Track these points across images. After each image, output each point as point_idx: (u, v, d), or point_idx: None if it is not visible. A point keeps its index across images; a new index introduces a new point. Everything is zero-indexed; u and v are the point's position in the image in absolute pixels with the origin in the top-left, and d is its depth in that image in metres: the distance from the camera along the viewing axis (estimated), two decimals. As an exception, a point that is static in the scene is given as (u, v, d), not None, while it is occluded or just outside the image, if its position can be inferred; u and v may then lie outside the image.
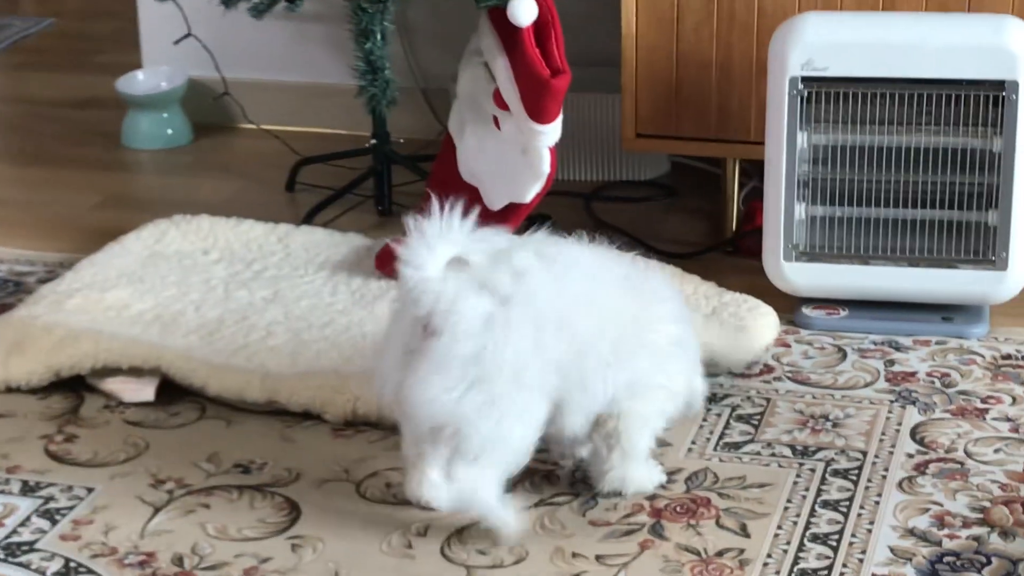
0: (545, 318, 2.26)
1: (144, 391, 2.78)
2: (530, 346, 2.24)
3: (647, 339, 2.38)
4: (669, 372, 2.41)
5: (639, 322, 2.38)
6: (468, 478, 2.27)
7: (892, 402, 2.73)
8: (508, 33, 3.03)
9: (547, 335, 2.26)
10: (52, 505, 2.47)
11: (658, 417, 2.42)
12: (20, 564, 2.31)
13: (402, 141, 3.83)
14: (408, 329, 2.26)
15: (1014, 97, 2.85)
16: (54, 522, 2.42)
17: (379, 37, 3.44)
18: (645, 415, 2.40)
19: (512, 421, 2.25)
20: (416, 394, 2.23)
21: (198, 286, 3.13)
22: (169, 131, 4.18)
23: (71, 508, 2.46)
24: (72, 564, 2.31)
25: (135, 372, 2.80)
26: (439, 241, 2.22)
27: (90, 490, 2.51)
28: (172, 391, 2.79)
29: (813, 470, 2.52)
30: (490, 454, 2.26)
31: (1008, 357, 2.88)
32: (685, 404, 2.44)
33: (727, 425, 2.67)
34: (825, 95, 2.95)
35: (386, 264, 3.19)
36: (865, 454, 2.56)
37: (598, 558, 2.30)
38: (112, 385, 2.80)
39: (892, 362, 2.88)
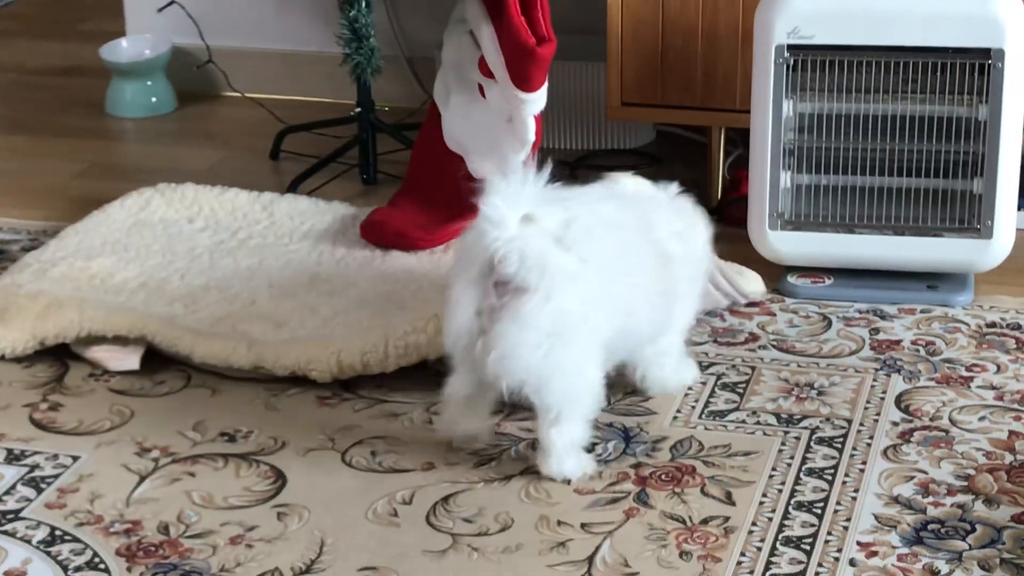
0: (614, 271, 2.38)
1: (129, 359, 2.78)
2: (604, 298, 2.35)
3: (679, 276, 2.55)
4: (693, 294, 2.63)
5: (673, 263, 2.53)
6: (569, 435, 2.38)
7: (877, 370, 2.74)
8: (493, 1, 3.02)
9: (616, 287, 2.39)
10: (37, 473, 2.47)
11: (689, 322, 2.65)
12: (5, 532, 2.31)
13: (387, 109, 3.83)
14: (479, 288, 2.30)
15: (1000, 65, 2.85)
16: (39, 490, 2.42)
17: (364, 5, 3.43)
18: (681, 328, 2.63)
19: (593, 371, 2.38)
20: (504, 352, 2.30)
21: (183, 254, 3.13)
22: (153, 99, 4.16)
23: (56, 476, 2.46)
24: (58, 532, 2.31)
25: (120, 340, 2.79)
26: (516, 200, 2.28)
27: (75, 458, 2.51)
28: (157, 359, 2.78)
29: (798, 438, 2.53)
30: (579, 406, 2.37)
31: (993, 325, 2.89)
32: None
33: (712, 393, 2.68)
34: (811, 63, 2.95)
35: (371, 232, 3.18)
36: (850, 422, 2.56)
37: (583, 526, 2.30)
38: (97, 353, 2.79)
39: (877, 330, 2.88)
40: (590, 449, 2.49)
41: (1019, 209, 3.15)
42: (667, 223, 2.56)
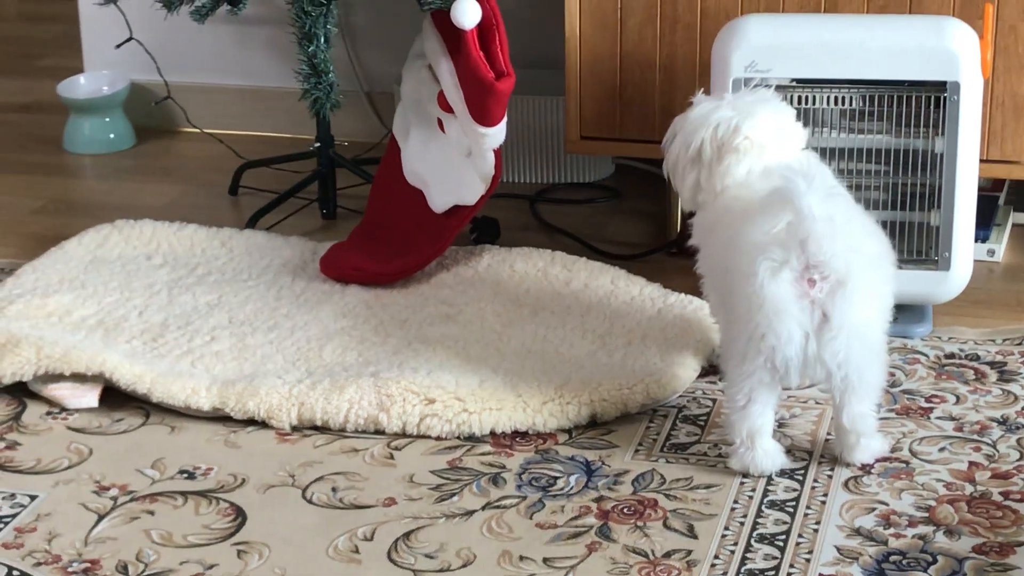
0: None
1: (87, 397, 2.76)
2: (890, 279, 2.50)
3: None
4: None
5: None
6: (876, 413, 2.51)
7: (837, 402, 2.74)
8: (452, 36, 3.03)
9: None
10: (-6, 513, 2.45)
11: None
12: (-38, 573, 2.29)
13: (346, 144, 3.82)
14: (795, 288, 2.35)
15: (955, 98, 2.87)
16: (-4, 530, 2.40)
17: (322, 40, 3.42)
18: None
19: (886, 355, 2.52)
20: (850, 340, 2.39)
21: (141, 291, 3.12)
22: (111, 135, 4.15)
23: (14, 516, 2.44)
24: (15, 573, 2.29)
25: (78, 378, 2.77)
26: (815, 191, 2.33)
27: (33, 497, 2.49)
28: (116, 396, 2.77)
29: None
30: (883, 382, 2.51)
31: (952, 356, 2.90)
32: None
33: (673, 426, 2.68)
34: (768, 96, 2.95)
35: (331, 267, 3.18)
36: (811, 454, 2.57)
37: (545, 561, 2.29)
38: (55, 391, 2.78)
39: (837, 362, 2.88)
40: (552, 483, 2.48)
41: (976, 240, 3.17)
42: None
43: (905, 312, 3.02)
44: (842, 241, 2.36)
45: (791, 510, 2.41)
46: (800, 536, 2.34)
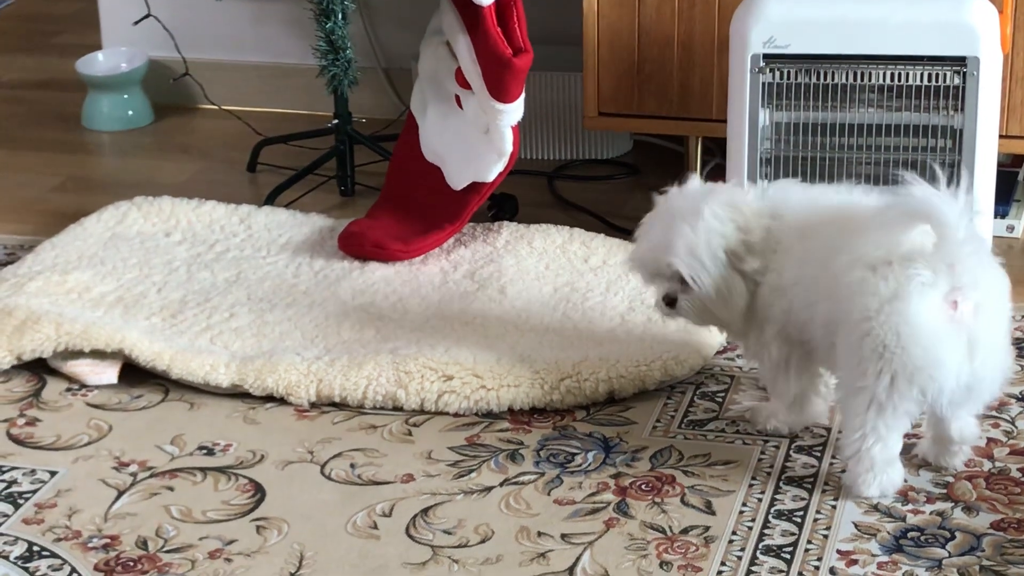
0: None
1: (107, 373, 2.77)
2: None
3: None
4: None
5: None
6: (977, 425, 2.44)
7: (855, 378, 2.74)
8: (470, 12, 3.02)
9: None
10: (15, 489, 2.46)
11: None
12: (-17, 549, 2.31)
13: (364, 121, 3.82)
14: (944, 305, 2.24)
15: (975, 73, 2.86)
16: (17, 506, 2.41)
17: (340, 16, 3.43)
18: None
19: None
20: (997, 355, 2.30)
21: (160, 268, 3.12)
22: (130, 112, 4.15)
23: (34, 492, 2.45)
24: (36, 548, 2.30)
25: (97, 355, 2.78)
26: (958, 209, 2.23)
27: (53, 473, 2.50)
28: (135, 373, 2.77)
29: (777, 447, 2.53)
30: None
31: (970, 332, 2.89)
32: None
33: (691, 403, 2.68)
34: (787, 72, 2.95)
35: (349, 244, 3.18)
36: (829, 430, 2.57)
37: (563, 537, 2.30)
38: (74, 368, 2.78)
39: (855, 338, 2.88)
40: (570, 460, 2.49)
41: (995, 216, 3.16)
42: None
43: (924, 288, 3.01)
44: (986, 259, 2.29)
45: (809, 487, 2.41)
46: (818, 512, 2.34)
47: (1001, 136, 3.03)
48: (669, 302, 2.50)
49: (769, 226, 2.45)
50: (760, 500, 2.38)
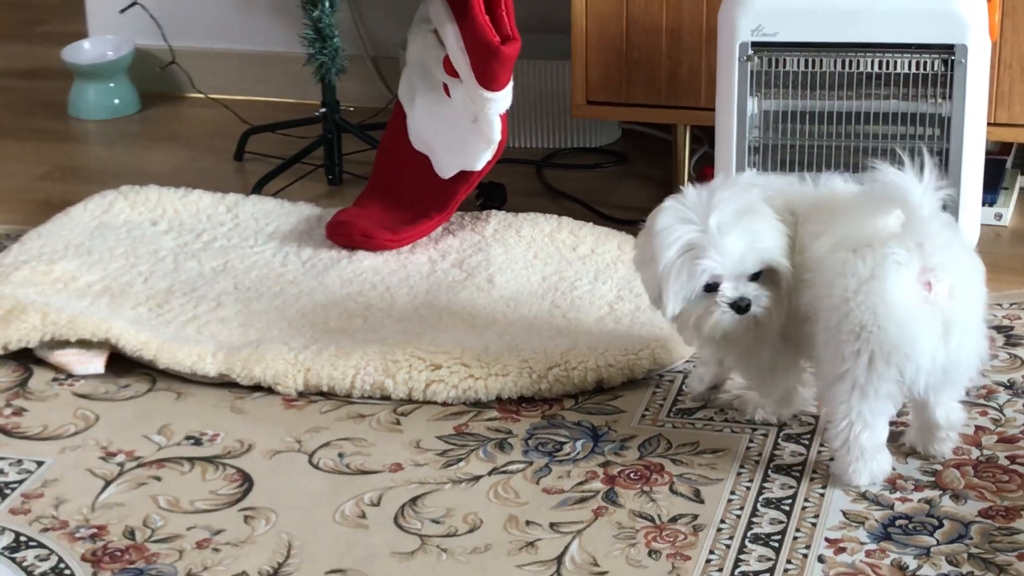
0: None
1: (93, 363, 2.76)
2: None
3: None
4: None
5: None
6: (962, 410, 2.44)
7: (844, 367, 2.74)
8: (457, 0, 3.02)
9: None
10: (1, 479, 2.45)
11: None
12: (-30, 539, 2.30)
13: (352, 109, 3.82)
14: (919, 292, 2.22)
15: (963, 61, 2.86)
16: (3, 496, 2.40)
17: (327, 4, 3.42)
18: None
19: None
20: (971, 338, 2.28)
21: (146, 257, 3.11)
22: (116, 101, 4.14)
23: (21, 482, 2.44)
24: (23, 538, 2.30)
25: (84, 344, 2.77)
26: (926, 189, 2.22)
27: (40, 463, 2.49)
28: (122, 363, 2.77)
29: (765, 435, 2.53)
30: None
31: (958, 321, 2.89)
32: None
33: (679, 392, 2.67)
34: (775, 60, 2.95)
35: (337, 233, 3.17)
36: (817, 418, 2.57)
37: (552, 525, 2.30)
38: (61, 357, 2.78)
39: (843, 327, 2.88)
40: (558, 448, 2.48)
41: (983, 204, 3.16)
42: None
43: (912, 276, 3.01)
44: (956, 241, 2.28)
45: (797, 475, 2.41)
46: (806, 500, 2.34)
47: (989, 124, 3.03)
48: (741, 307, 2.38)
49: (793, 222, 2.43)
50: (748, 488, 2.38)
